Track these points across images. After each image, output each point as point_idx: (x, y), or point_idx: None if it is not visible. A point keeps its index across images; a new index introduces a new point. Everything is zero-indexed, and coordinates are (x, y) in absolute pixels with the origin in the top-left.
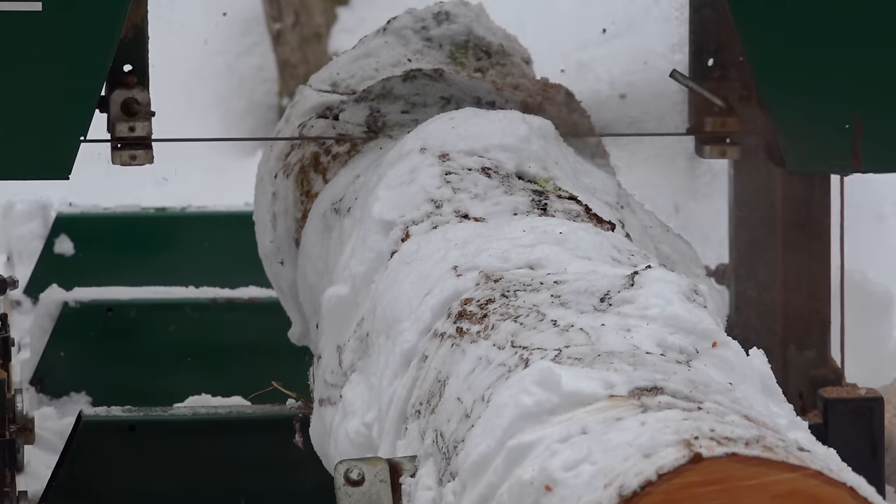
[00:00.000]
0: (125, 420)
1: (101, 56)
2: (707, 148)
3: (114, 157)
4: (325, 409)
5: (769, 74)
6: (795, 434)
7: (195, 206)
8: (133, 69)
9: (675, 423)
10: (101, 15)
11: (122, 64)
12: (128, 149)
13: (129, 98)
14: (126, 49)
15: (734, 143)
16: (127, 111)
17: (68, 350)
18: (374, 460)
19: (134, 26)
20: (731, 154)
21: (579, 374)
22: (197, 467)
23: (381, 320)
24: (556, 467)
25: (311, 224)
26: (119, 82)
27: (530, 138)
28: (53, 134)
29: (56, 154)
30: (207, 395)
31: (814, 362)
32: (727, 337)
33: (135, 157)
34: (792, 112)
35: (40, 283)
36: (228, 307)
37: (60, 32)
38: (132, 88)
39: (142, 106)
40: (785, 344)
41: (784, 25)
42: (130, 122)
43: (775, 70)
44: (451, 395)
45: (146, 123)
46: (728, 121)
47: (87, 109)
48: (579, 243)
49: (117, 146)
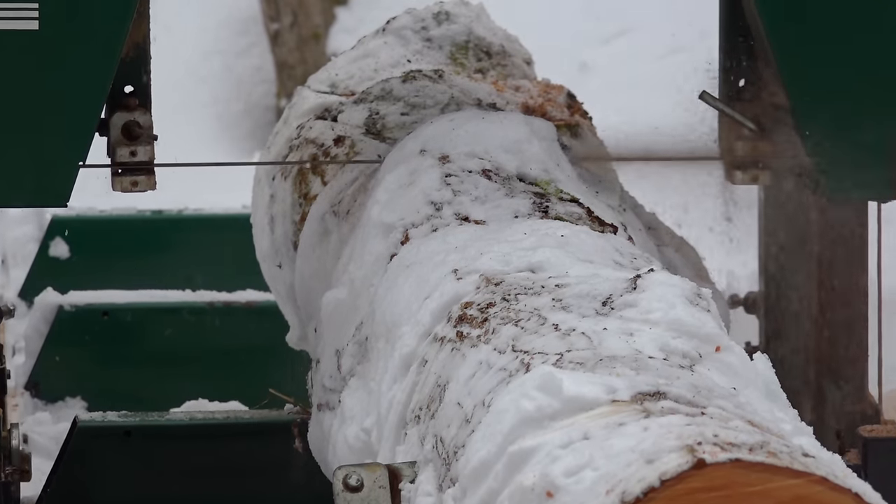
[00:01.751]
0: (121, 425)
1: (101, 77)
2: (738, 173)
3: (114, 182)
4: (324, 414)
5: (805, 97)
6: (800, 439)
7: (192, 209)
8: (134, 90)
9: (678, 429)
10: (100, 33)
11: (122, 85)
12: (129, 174)
13: (131, 121)
14: (127, 69)
15: (766, 168)
16: (128, 135)
17: (63, 354)
18: (373, 466)
19: (135, 45)
20: (762, 179)
21: (581, 378)
22: (194, 474)
23: (381, 324)
24: (558, 473)
25: (310, 227)
26: (120, 104)
27: (531, 140)
28: (50, 159)
29: (53, 181)
30: (204, 400)
31: (851, 398)
32: (731, 341)
33: (136, 184)
34: (829, 137)
35: (35, 287)
36: (225, 311)
37: (58, 52)
38: (133, 111)
39: (144, 129)
40: (820, 379)
41: (822, 47)
42: (132, 146)
43: (812, 93)
44: (452, 399)
45: (148, 148)
46: (760, 145)
47: (86, 133)
48: (581, 246)
49: (118, 171)
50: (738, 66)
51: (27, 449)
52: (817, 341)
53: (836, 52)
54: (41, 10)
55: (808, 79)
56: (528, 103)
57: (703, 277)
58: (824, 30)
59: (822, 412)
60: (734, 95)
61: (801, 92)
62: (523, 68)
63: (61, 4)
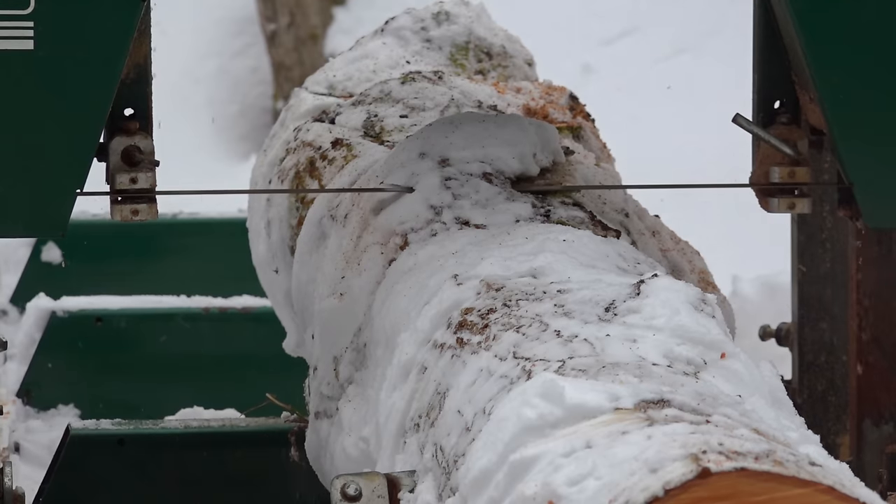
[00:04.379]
0: (114, 434)
1: (100, 99)
2: (774, 201)
3: (113, 211)
4: (321, 422)
5: (845, 120)
6: (807, 448)
7: (187, 213)
8: (135, 113)
9: (683, 437)
10: (99, 53)
11: (122, 108)
12: (129, 202)
13: (131, 146)
14: (127, 91)
15: (804, 195)
16: (128, 160)
17: (56, 361)
18: (371, 475)
19: (136, 66)
20: (800, 207)
21: (583, 386)
22: (188, 483)
23: (379, 331)
24: (560, 482)
25: (307, 231)
26: (119, 128)
27: (533, 142)
28: (46, 186)
29: (49, 209)
30: (199, 408)
31: (892, 437)
32: (736, 347)
33: (137, 212)
34: (870, 161)
35: (27, 292)
36: (221, 317)
37: (54, 73)
38: (134, 135)
39: (145, 154)
40: (859, 417)
41: (864, 68)
42: (132, 172)
43: (852, 115)
44: (452, 407)
45: (150, 174)
46: (797, 170)
47: (83, 159)
48: (583, 251)
49: (117, 199)
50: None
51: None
52: (856, 377)
53: (878, 74)
54: (36, 28)
55: (848, 101)
56: (529, 105)
57: (708, 282)
58: (866, 50)
59: (861, 452)
60: (769, 119)
61: (840, 115)
62: (524, 69)
63: (58, 23)
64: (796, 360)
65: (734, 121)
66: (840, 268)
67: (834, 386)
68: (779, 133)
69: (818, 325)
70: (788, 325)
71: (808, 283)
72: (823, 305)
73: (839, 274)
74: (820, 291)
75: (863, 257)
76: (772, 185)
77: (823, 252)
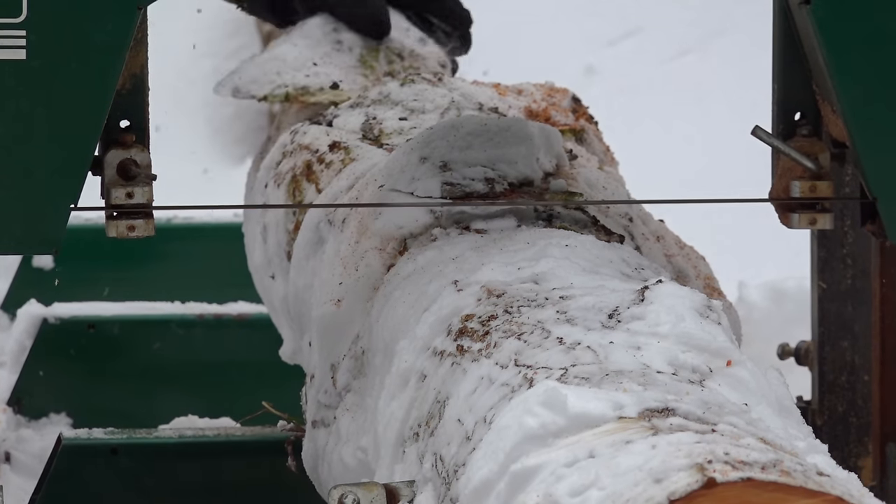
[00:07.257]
0: (107, 443)
1: (95, 111)
2: (795, 216)
3: (109, 227)
4: (319, 431)
5: (869, 132)
6: (814, 458)
7: (181, 218)
8: (131, 125)
9: (688, 447)
10: (94, 63)
11: (118, 119)
12: (125, 218)
13: (127, 159)
14: (123, 102)
15: (825, 210)
16: (124, 174)
17: (47, 369)
18: (369, 485)
19: (132, 76)
20: (822, 223)
21: (586, 394)
22: (183, 493)
23: (378, 338)
24: (562, 493)
25: (304, 236)
26: (115, 141)
27: (536, 146)
28: (39, 202)
29: (42, 225)
30: (194, 417)
31: None
32: (742, 355)
33: (133, 228)
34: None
35: (18, 298)
36: (216, 323)
37: (47, 84)
38: (130, 148)
39: (141, 168)
40: (882, 440)
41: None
42: (128, 187)
43: (876, 127)
44: (452, 416)
45: (146, 189)
46: (819, 185)
47: (78, 173)
48: (586, 256)
49: (113, 214)
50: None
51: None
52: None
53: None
54: (29, 37)
55: (872, 113)
56: (531, 108)
57: (714, 288)
58: (890, 60)
59: (885, 476)
60: (789, 131)
61: (864, 127)
62: (437, 71)
63: (51, 31)
64: (816, 379)
65: (753, 133)
66: (862, 284)
67: (855, 407)
68: (799, 146)
69: (839, 343)
70: (808, 343)
71: (828, 299)
72: (844, 323)
73: (861, 290)
74: (841, 308)
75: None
76: (792, 200)
77: (844, 268)
